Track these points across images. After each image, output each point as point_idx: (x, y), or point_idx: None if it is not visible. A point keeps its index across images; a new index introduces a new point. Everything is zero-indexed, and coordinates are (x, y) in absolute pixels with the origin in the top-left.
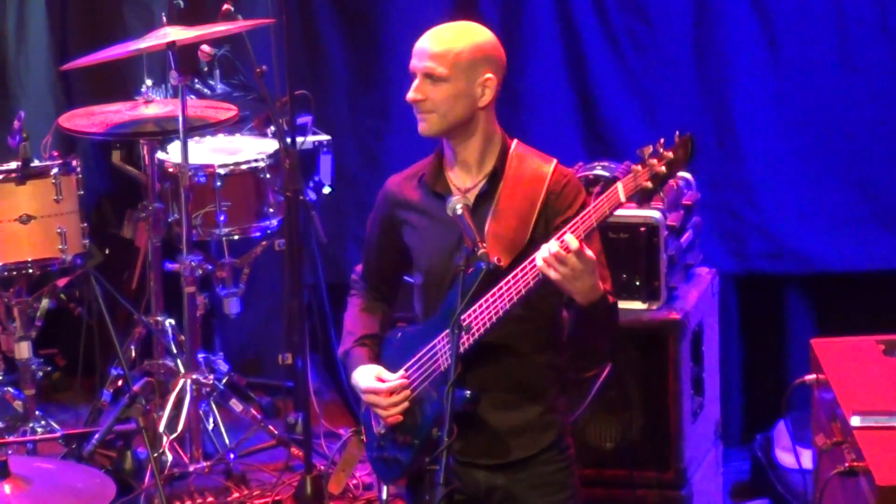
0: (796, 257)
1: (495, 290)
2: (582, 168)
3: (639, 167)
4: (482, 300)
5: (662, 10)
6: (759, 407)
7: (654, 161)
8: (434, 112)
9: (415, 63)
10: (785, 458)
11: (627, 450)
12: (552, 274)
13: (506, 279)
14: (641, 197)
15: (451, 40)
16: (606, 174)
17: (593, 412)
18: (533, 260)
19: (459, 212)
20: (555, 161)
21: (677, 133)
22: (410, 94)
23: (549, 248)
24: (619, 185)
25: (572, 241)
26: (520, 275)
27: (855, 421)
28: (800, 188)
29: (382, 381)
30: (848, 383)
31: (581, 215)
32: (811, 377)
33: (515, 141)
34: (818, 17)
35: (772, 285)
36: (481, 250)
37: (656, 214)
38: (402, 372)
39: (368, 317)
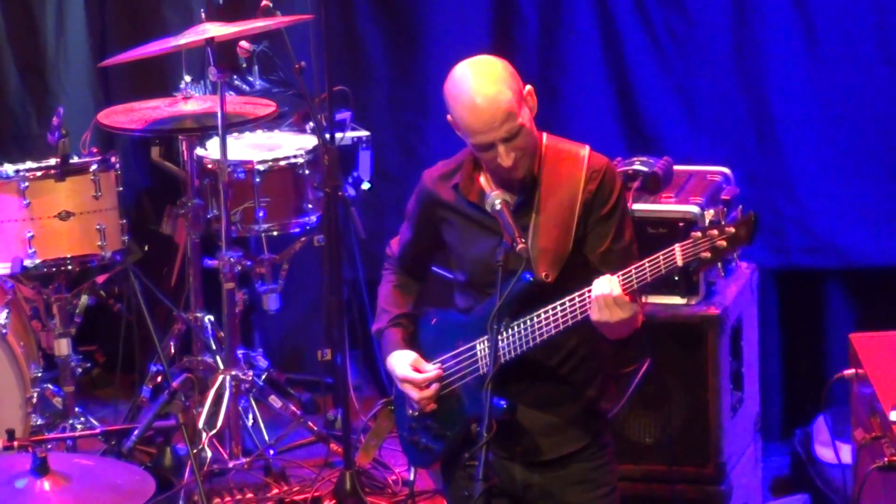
0: (836, 252)
1: (544, 311)
2: (621, 163)
3: (699, 234)
4: (528, 318)
5: (701, 5)
6: (798, 402)
7: (715, 232)
8: (524, 157)
9: (488, 137)
10: (824, 452)
11: (666, 445)
12: (594, 315)
13: (554, 306)
14: (698, 265)
15: (499, 93)
16: (645, 169)
17: (632, 407)
18: (587, 292)
19: (498, 207)
20: (587, 151)
21: (740, 208)
22: (508, 162)
23: (607, 288)
24: (678, 249)
25: (616, 288)
26: (568, 306)
27: (894, 415)
28: (839, 183)
29: (418, 370)
30: (887, 378)
31: (637, 268)
32: (850, 372)
33: (545, 135)
34: (858, 12)
35: (811, 280)
36: (520, 245)
37: (695, 209)
38: (437, 364)
39: (403, 294)
